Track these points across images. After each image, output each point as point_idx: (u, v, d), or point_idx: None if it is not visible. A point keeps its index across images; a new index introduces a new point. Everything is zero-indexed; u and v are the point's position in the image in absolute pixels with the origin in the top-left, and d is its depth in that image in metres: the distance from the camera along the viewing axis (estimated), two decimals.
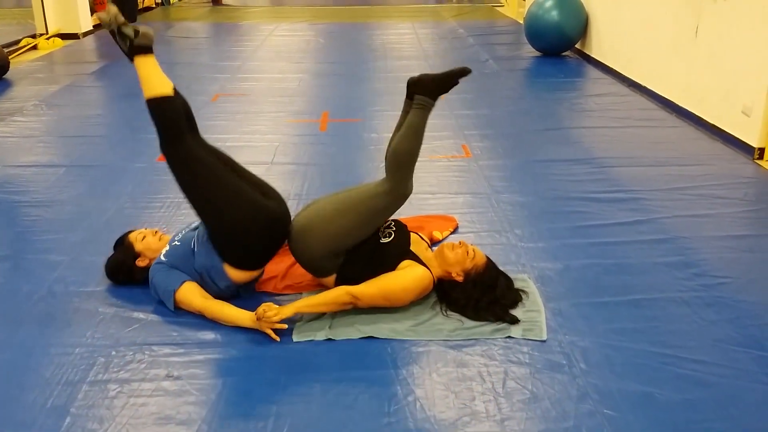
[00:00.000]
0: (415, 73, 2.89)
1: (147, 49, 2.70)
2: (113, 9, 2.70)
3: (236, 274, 2.80)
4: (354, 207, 2.78)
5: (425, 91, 2.82)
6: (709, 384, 2.39)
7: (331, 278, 2.85)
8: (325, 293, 2.72)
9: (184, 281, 2.79)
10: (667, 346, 2.59)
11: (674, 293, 2.97)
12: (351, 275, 2.79)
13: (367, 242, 2.84)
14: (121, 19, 2.72)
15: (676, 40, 5.80)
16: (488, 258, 2.93)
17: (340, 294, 2.70)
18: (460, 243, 2.90)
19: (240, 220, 2.71)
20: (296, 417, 2.24)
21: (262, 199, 2.79)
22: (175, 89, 2.72)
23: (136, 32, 2.70)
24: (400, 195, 2.80)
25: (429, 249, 3.06)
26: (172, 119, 2.68)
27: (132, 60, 2.72)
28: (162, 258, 2.88)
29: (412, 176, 2.81)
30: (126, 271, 2.97)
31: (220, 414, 2.25)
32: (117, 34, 2.73)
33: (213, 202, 2.72)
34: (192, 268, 2.83)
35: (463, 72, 2.85)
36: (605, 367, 2.48)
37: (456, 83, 2.86)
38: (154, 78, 2.68)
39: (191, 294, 2.77)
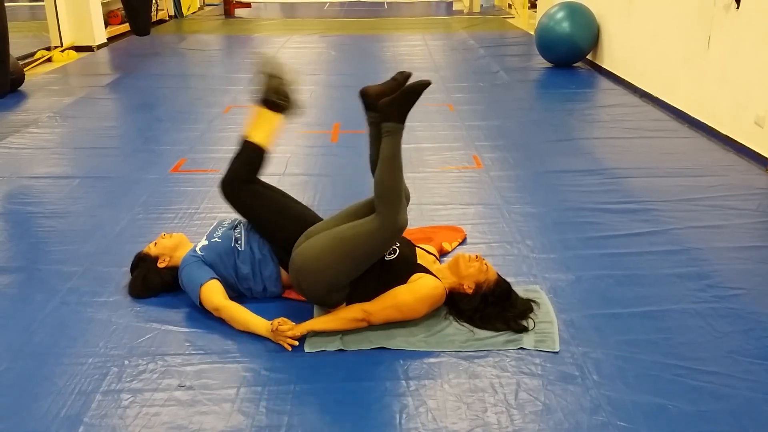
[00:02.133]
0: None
1: (279, 109, 3.00)
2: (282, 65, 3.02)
3: (287, 277, 2.95)
4: (349, 249, 2.66)
5: (389, 116, 2.68)
6: (723, 396, 2.38)
7: (342, 305, 2.80)
8: (338, 312, 2.72)
9: (211, 278, 2.86)
10: (680, 358, 2.58)
11: (687, 305, 2.96)
12: (361, 298, 2.76)
13: (372, 266, 2.79)
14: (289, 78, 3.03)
15: (688, 51, 5.79)
16: (498, 275, 2.92)
17: (353, 312, 2.70)
18: (477, 257, 2.89)
19: (290, 234, 2.87)
20: (308, 427, 2.24)
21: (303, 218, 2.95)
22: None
23: (289, 98, 3.03)
24: (394, 230, 2.66)
25: (437, 262, 3.05)
26: (253, 166, 2.95)
27: (261, 108, 2.99)
28: (198, 251, 2.95)
29: (402, 208, 2.67)
30: (154, 278, 3.02)
31: (232, 424, 2.25)
32: (273, 89, 2.99)
33: (269, 221, 2.95)
34: (232, 265, 2.91)
35: (423, 85, 2.67)
36: (618, 378, 2.47)
37: (418, 97, 2.69)
38: (264, 130, 2.98)
39: (214, 292, 2.83)
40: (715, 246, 3.51)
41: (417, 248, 3.02)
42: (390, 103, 2.69)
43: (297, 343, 2.65)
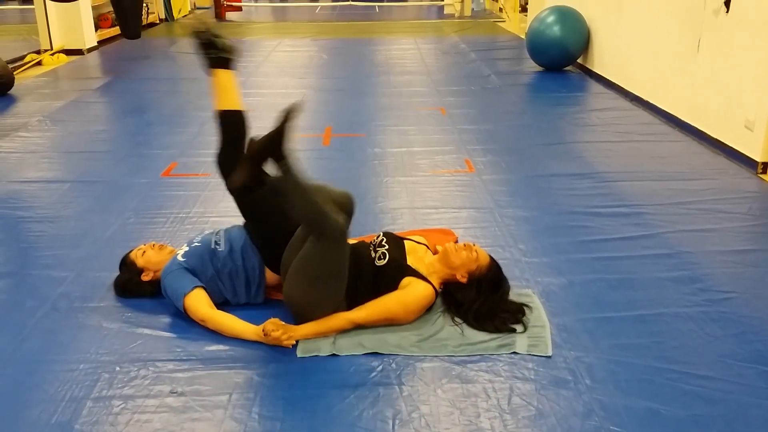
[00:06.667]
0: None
1: (228, 63, 2.99)
2: (210, 21, 2.90)
3: (271, 277, 2.93)
4: (310, 278, 2.66)
5: (266, 156, 2.65)
6: (715, 400, 2.38)
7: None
8: (328, 321, 2.72)
9: (195, 287, 2.83)
10: (672, 362, 2.59)
11: (679, 308, 2.96)
12: (356, 303, 2.78)
13: (364, 271, 2.80)
14: (217, 31, 2.97)
15: (678, 55, 5.82)
16: (492, 258, 2.95)
17: (341, 322, 2.72)
18: (464, 245, 2.92)
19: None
20: None
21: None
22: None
23: (226, 47, 2.96)
24: (333, 236, 2.63)
25: (428, 252, 3.06)
26: (238, 132, 2.98)
27: (211, 70, 2.97)
28: (180, 258, 2.93)
29: (330, 215, 2.62)
30: (134, 288, 3.02)
31: (224, 431, 2.24)
32: (207, 44, 2.94)
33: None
34: (214, 268, 2.88)
35: (288, 119, 2.61)
36: (610, 383, 2.47)
37: (285, 131, 2.63)
38: (228, 93, 2.98)
39: (199, 301, 2.81)
40: (706, 249, 3.53)
41: (406, 240, 3.03)
42: (264, 145, 2.66)
43: (284, 349, 2.63)
